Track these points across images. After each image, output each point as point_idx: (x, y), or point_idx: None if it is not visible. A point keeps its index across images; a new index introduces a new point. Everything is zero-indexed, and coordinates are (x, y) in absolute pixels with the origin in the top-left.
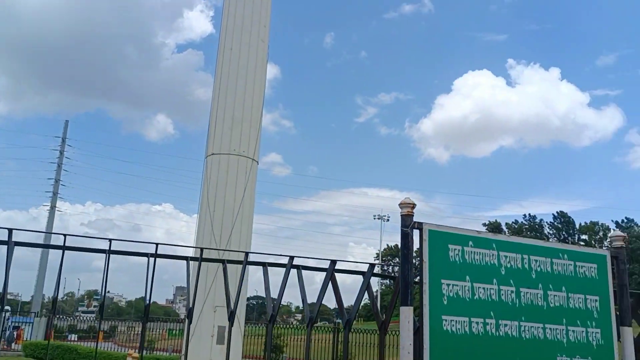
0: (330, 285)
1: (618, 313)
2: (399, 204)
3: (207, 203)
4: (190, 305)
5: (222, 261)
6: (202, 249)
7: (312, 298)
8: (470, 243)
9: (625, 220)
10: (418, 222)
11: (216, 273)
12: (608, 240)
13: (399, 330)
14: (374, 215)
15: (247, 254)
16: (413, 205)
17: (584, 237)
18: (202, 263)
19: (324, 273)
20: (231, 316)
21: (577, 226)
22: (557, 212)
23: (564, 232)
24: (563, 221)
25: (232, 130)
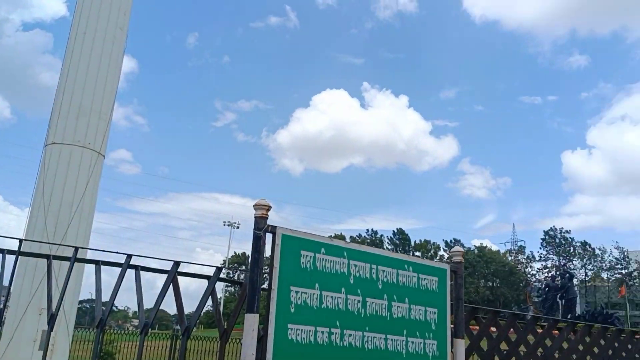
0: (171, 289)
1: (453, 325)
2: (253, 205)
3: (41, 196)
4: (1, 306)
5: (47, 256)
6: (20, 241)
7: (151, 303)
8: (323, 250)
9: (453, 241)
10: (272, 226)
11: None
12: (448, 255)
13: (241, 339)
14: (224, 222)
15: (76, 249)
16: (268, 208)
17: (417, 253)
18: (32, 259)
19: (166, 276)
20: (51, 319)
21: (413, 243)
22: (396, 229)
23: (401, 249)
24: (401, 238)
25: (78, 120)
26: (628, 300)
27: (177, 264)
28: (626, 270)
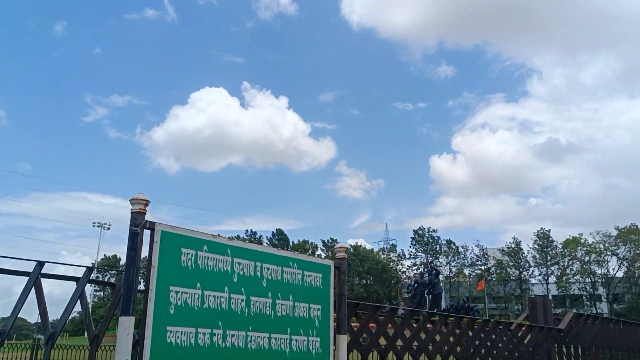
0: (33, 293)
1: (335, 321)
2: (130, 200)
3: None
4: None
5: None
6: None
7: (7, 311)
8: (205, 248)
9: (330, 240)
10: (150, 222)
11: None
12: (333, 251)
13: (114, 345)
14: (94, 223)
15: None
16: (146, 203)
17: None
18: None
19: (27, 279)
20: None
21: (292, 243)
22: (275, 230)
23: (280, 249)
24: (280, 238)
25: None
26: (486, 294)
27: (40, 264)
28: (485, 267)
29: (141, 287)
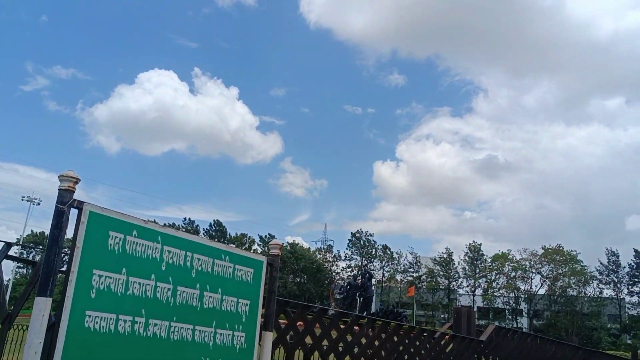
0: None
1: (263, 318)
2: (59, 176)
3: None
4: None
5: None
6: None
7: None
8: (135, 233)
9: (268, 236)
10: (78, 201)
11: None
12: (268, 247)
13: (28, 325)
14: (23, 197)
15: None
16: (76, 181)
17: (232, 246)
18: None
19: None
20: None
21: (229, 236)
22: (214, 221)
23: (217, 241)
24: (218, 229)
25: None
26: (415, 300)
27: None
28: (417, 274)
29: (63, 268)
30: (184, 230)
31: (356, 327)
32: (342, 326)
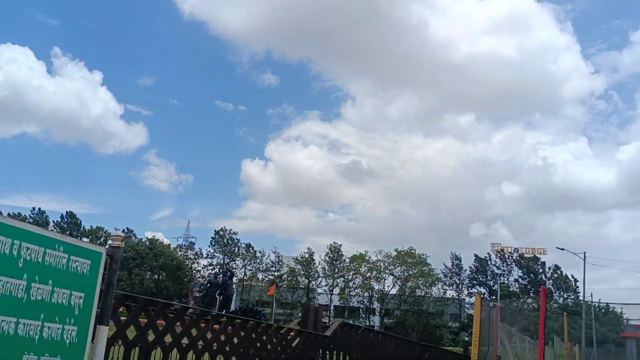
0: None
1: (99, 312)
2: None
3: None
4: None
5: None
6: None
7: None
8: None
9: (127, 230)
10: None
11: None
12: (110, 239)
13: None
14: None
15: None
16: None
17: (85, 239)
18: None
19: None
20: None
21: (83, 228)
22: (66, 212)
23: (69, 233)
24: (71, 221)
25: None
26: (275, 299)
27: None
28: (279, 273)
29: None
30: (31, 221)
31: (216, 325)
32: (188, 321)
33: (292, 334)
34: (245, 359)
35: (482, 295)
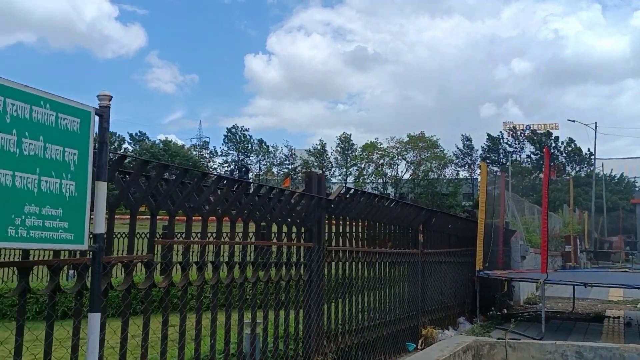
0: None
1: (96, 168)
2: None
3: None
4: None
5: None
6: None
7: None
8: None
9: (139, 134)
10: None
11: None
12: (97, 99)
13: None
14: None
15: None
16: None
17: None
18: None
19: None
20: None
21: None
22: None
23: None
24: None
25: None
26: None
27: None
28: (292, 166)
29: None
30: None
31: (205, 186)
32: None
33: (295, 195)
34: (250, 219)
35: (487, 166)
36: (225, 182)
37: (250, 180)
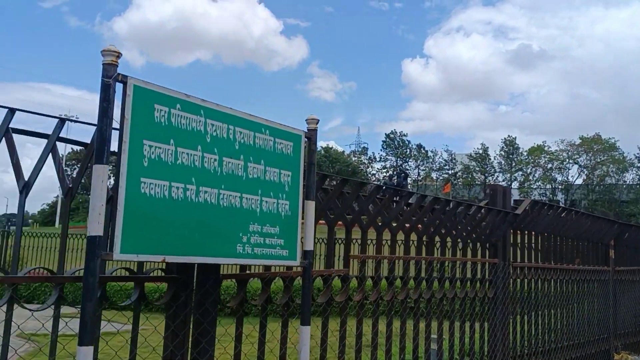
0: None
1: (305, 188)
2: (101, 51)
3: None
4: None
5: None
6: None
7: None
8: (178, 106)
9: None
10: (122, 75)
11: None
12: (306, 122)
13: (83, 235)
14: (60, 115)
15: None
16: (118, 55)
17: None
18: None
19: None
20: None
21: None
22: None
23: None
24: None
25: None
26: (451, 197)
27: (12, 111)
28: (452, 171)
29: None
30: None
31: (393, 203)
32: (379, 202)
33: (482, 212)
34: (436, 237)
35: None
36: (415, 198)
37: (452, 199)
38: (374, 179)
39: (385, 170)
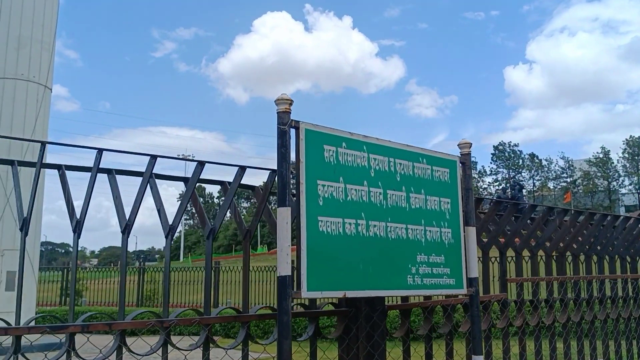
0: (149, 190)
1: (464, 214)
2: (275, 101)
3: None
4: None
5: (12, 162)
6: None
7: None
8: (344, 144)
9: None
10: (295, 121)
11: (5, 208)
12: (459, 147)
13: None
14: (178, 155)
15: (43, 144)
16: (291, 102)
17: None
18: None
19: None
20: (24, 224)
21: None
22: None
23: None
24: None
25: (19, 52)
26: (573, 206)
27: (154, 157)
28: (571, 179)
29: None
30: None
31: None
32: (530, 223)
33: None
34: (593, 253)
35: None
36: (570, 215)
37: (609, 213)
38: (486, 193)
39: (497, 183)
